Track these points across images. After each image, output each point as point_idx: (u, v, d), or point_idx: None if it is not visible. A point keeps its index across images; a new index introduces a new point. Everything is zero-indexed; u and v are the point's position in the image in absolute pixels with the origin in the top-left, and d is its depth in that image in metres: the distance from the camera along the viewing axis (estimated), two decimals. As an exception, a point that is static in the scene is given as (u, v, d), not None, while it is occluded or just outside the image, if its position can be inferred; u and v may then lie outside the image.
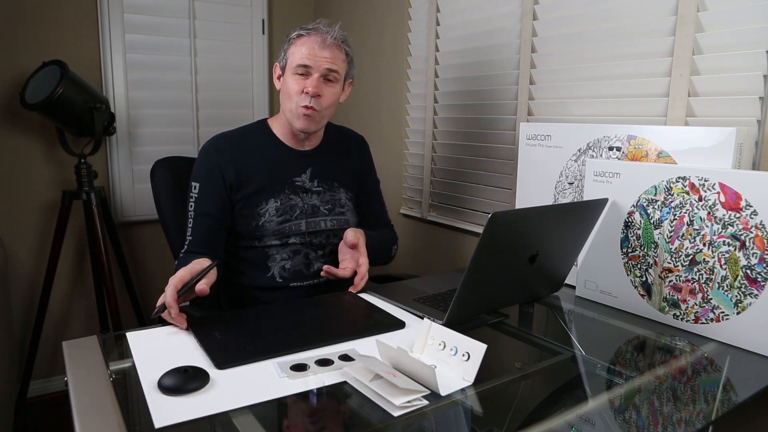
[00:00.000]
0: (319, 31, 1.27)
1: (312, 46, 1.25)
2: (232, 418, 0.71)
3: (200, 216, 1.29)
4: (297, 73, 1.26)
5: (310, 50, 1.24)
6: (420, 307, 1.13)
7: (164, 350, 0.90)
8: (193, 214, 1.30)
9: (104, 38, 2.14)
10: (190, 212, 1.30)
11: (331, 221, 1.37)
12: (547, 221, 1.04)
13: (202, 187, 1.30)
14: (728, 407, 0.78)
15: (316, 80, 1.25)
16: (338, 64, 1.27)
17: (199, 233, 1.29)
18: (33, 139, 2.09)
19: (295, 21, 2.59)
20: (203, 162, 1.32)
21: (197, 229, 1.29)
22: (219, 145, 1.33)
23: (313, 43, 1.25)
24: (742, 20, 1.09)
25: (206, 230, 1.29)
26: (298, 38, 1.28)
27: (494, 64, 1.66)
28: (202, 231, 1.29)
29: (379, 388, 0.76)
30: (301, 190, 1.35)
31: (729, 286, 0.98)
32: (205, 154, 1.32)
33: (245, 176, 1.31)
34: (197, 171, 1.32)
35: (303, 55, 1.25)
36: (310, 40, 1.26)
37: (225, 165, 1.30)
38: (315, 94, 1.25)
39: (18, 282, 2.13)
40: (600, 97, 1.37)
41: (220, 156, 1.31)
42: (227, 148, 1.32)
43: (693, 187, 1.03)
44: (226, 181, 1.30)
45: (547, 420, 0.74)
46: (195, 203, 1.30)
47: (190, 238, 1.29)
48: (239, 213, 1.31)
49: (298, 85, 1.26)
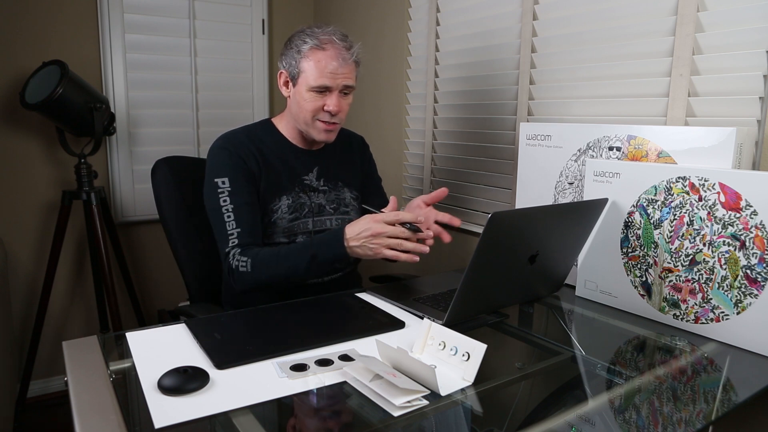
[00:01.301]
0: (334, 45, 1.23)
1: (332, 65, 1.22)
2: (232, 418, 0.71)
3: (241, 206, 1.26)
4: (314, 91, 1.24)
5: (331, 70, 1.22)
6: (420, 307, 1.13)
7: (164, 350, 0.90)
8: (231, 207, 1.25)
9: (104, 38, 2.14)
10: (226, 206, 1.25)
11: (336, 220, 1.37)
12: (547, 221, 1.04)
13: (232, 179, 1.27)
14: (728, 407, 0.78)
15: (337, 98, 1.25)
16: (353, 78, 1.28)
17: (246, 223, 1.25)
18: (33, 139, 2.09)
19: (295, 21, 2.59)
20: (223, 157, 1.29)
21: (243, 219, 1.25)
22: (233, 141, 1.31)
23: (332, 60, 1.22)
24: (742, 20, 1.09)
25: (251, 219, 1.26)
26: (313, 52, 1.23)
27: (494, 64, 1.66)
28: (248, 220, 1.26)
29: (379, 388, 0.76)
30: (309, 188, 1.35)
31: (729, 286, 0.98)
32: (222, 150, 1.30)
33: (263, 170, 1.30)
34: (220, 167, 1.28)
35: (323, 74, 1.22)
36: (327, 57, 1.22)
37: (246, 157, 1.29)
38: (338, 112, 1.25)
39: (18, 282, 2.12)
40: (600, 97, 1.37)
41: (238, 149, 1.29)
42: (242, 143, 1.31)
43: (693, 187, 1.03)
44: (251, 170, 1.29)
45: (547, 420, 0.74)
46: (230, 195, 1.26)
47: (238, 230, 1.24)
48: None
49: (317, 103, 1.25)
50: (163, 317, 2.31)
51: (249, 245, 1.24)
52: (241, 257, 1.22)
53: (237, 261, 1.22)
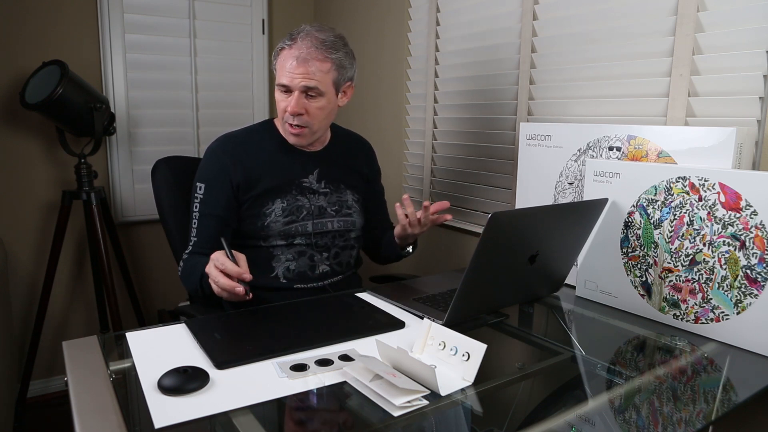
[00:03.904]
0: (302, 43, 1.21)
1: (289, 64, 1.21)
2: (232, 418, 0.71)
3: (206, 217, 1.28)
4: (280, 91, 1.25)
5: (287, 68, 1.21)
6: (420, 307, 1.13)
7: (164, 350, 0.90)
8: (198, 215, 1.28)
9: (104, 38, 2.14)
10: (195, 213, 1.29)
11: (338, 222, 1.37)
12: (547, 221, 1.04)
13: (207, 188, 1.29)
14: (728, 407, 0.78)
15: (296, 99, 1.22)
16: (318, 78, 1.21)
17: (205, 234, 1.28)
18: (33, 139, 2.09)
19: (295, 21, 2.59)
20: (210, 163, 1.31)
21: (203, 229, 1.28)
22: (226, 146, 1.32)
23: (290, 59, 1.20)
24: (742, 20, 1.09)
25: (212, 231, 1.28)
26: (281, 51, 1.24)
27: (494, 64, 1.66)
28: (207, 232, 1.28)
29: (379, 388, 0.76)
30: (308, 191, 1.34)
31: (729, 286, 0.98)
32: (212, 155, 1.31)
33: (253, 177, 1.30)
34: (203, 172, 1.31)
35: (282, 73, 1.23)
36: (288, 55, 1.21)
37: (232, 166, 1.29)
38: (295, 113, 1.23)
39: (18, 282, 2.12)
40: (600, 97, 1.37)
41: (227, 157, 1.30)
42: (234, 149, 1.31)
43: (693, 187, 1.03)
44: (234, 182, 1.29)
45: (547, 420, 0.74)
46: (200, 204, 1.28)
47: (195, 239, 1.28)
48: (245, 213, 1.30)
49: (282, 104, 1.25)
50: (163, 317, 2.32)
51: (199, 254, 1.26)
52: (182, 263, 1.28)
53: (180, 265, 1.29)
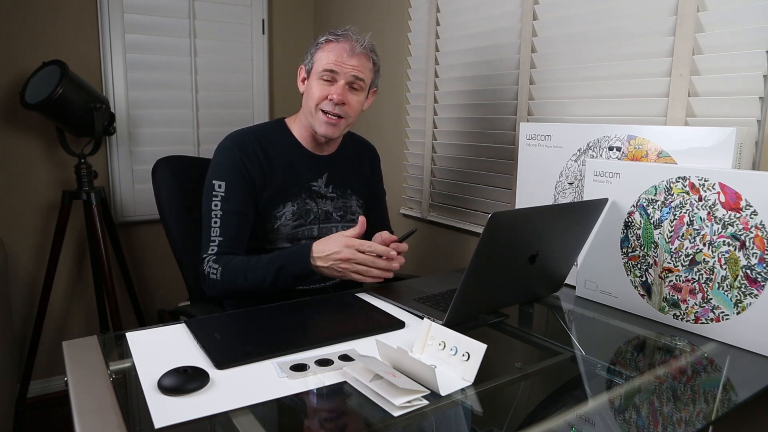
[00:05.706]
0: (348, 38, 1.26)
1: (340, 53, 1.24)
2: (232, 418, 0.71)
3: (229, 214, 1.25)
4: (322, 79, 1.25)
5: (338, 56, 1.24)
6: (420, 307, 1.13)
7: (164, 350, 0.90)
8: (220, 213, 1.25)
9: (104, 38, 2.14)
10: (215, 212, 1.26)
11: (342, 227, 1.37)
12: (547, 221, 1.04)
13: (228, 184, 1.26)
14: (728, 407, 0.78)
15: (342, 87, 1.25)
16: (365, 73, 1.27)
17: (230, 232, 1.25)
18: (33, 139, 2.09)
19: (295, 21, 2.59)
20: (226, 160, 1.28)
21: (227, 228, 1.25)
22: (240, 142, 1.30)
23: (341, 50, 1.25)
24: (742, 20, 1.09)
25: (236, 228, 1.26)
26: (327, 43, 1.27)
27: (494, 64, 1.66)
28: (232, 229, 1.25)
29: (379, 388, 0.76)
30: (317, 195, 1.34)
31: (729, 286, 0.98)
32: (227, 152, 1.29)
33: (267, 175, 1.29)
34: (220, 169, 1.28)
35: (330, 60, 1.24)
36: (338, 47, 1.25)
37: (249, 162, 1.28)
38: (340, 101, 1.24)
39: (18, 282, 2.12)
40: (600, 97, 1.37)
41: (243, 153, 1.28)
42: (249, 146, 1.30)
43: (693, 187, 1.03)
44: (252, 179, 1.28)
45: (547, 420, 0.73)
46: (222, 201, 1.26)
47: (221, 238, 1.24)
48: (258, 213, 1.29)
49: (323, 91, 1.25)
50: (163, 317, 2.32)
51: (226, 254, 1.24)
52: (213, 264, 1.23)
53: (209, 267, 1.23)
